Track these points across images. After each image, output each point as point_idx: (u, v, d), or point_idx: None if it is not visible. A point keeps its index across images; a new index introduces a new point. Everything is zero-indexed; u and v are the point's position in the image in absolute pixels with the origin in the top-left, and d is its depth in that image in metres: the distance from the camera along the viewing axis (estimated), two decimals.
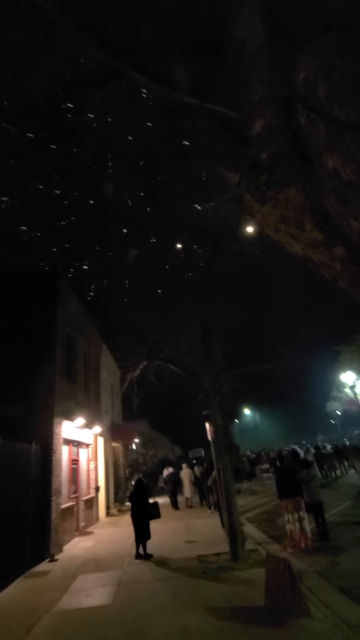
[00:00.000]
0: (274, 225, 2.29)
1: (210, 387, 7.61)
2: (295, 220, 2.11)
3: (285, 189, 2.11)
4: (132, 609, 4.81)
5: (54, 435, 9.13)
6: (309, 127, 2.06)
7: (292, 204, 2.11)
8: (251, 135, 2.49)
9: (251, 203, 2.40)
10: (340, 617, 3.98)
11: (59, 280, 11.02)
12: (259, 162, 2.32)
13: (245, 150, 2.84)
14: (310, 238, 2.07)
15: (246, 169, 2.46)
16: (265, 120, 2.34)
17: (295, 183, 2.11)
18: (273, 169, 2.18)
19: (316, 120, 1.98)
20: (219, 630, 3.98)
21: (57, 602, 5.30)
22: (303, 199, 2.07)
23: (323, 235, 2.00)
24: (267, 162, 2.21)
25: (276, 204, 2.18)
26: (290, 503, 7.08)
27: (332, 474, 17.48)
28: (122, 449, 18.96)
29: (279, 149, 2.17)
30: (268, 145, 2.26)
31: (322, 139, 1.95)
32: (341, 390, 25.69)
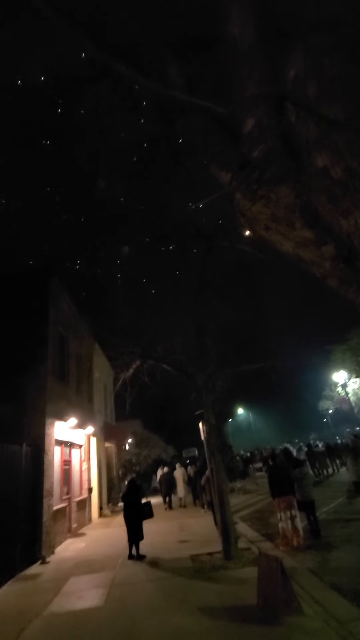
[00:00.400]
0: (264, 224, 2.29)
1: (204, 386, 7.61)
2: (286, 219, 2.11)
3: (276, 187, 2.11)
4: (125, 610, 4.78)
5: (46, 435, 9.03)
6: (299, 126, 2.07)
7: (282, 203, 2.11)
8: (243, 133, 2.49)
9: (242, 202, 2.40)
10: (331, 614, 4.01)
11: (51, 279, 10.92)
12: (250, 160, 2.32)
13: (237, 149, 2.84)
14: (301, 237, 2.07)
15: (237, 167, 2.46)
16: (257, 119, 2.34)
17: (285, 181, 2.11)
18: (264, 168, 2.19)
19: (306, 118, 1.99)
20: (211, 629, 3.98)
21: (48, 605, 5.24)
22: (293, 198, 2.07)
23: (313, 233, 2.01)
24: (258, 161, 2.21)
25: (267, 202, 2.18)
26: (282, 501, 7.12)
27: (324, 472, 17.65)
28: (115, 450, 18.87)
29: (270, 147, 2.17)
30: (259, 144, 2.26)
31: (311, 137, 1.96)
32: (333, 389, 25.96)
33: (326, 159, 1.84)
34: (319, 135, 1.88)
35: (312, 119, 1.90)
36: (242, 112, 2.53)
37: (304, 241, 2.10)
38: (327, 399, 28.65)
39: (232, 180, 2.52)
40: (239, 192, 2.42)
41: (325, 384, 27.15)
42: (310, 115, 1.91)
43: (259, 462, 23.95)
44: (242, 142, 2.51)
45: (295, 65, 2.07)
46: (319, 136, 1.87)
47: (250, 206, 2.34)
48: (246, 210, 2.41)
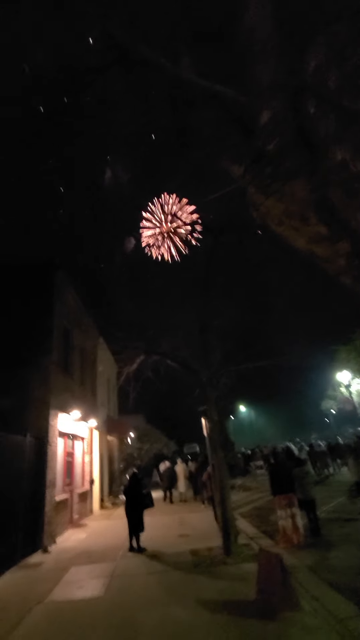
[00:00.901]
0: (277, 219, 2.26)
1: (207, 383, 7.61)
2: (300, 214, 2.08)
3: (290, 181, 2.07)
4: (124, 601, 4.83)
5: (50, 427, 9.11)
6: (318, 118, 2.03)
7: (297, 197, 2.08)
8: (257, 126, 2.45)
9: (255, 196, 2.37)
10: (329, 611, 4.02)
11: (57, 273, 10.93)
12: (265, 154, 2.29)
13: (250, 143, 2.80)
14: (315, 232, 2.04)
15: (251, 161, 2.42)
16: (272, 111, 2.30)
17: (300, 175, 2.07)
18: (279, 161, 2.15)
19: (326, 110, 1.94)
20: (210, 622, 4.01)
21: (49, 594, 5.31)
22: (308, 192, 2.04)
23: (328, 229, 1.98)
24: (272, 154, 2.17)
25: (281, 196, 2.15)
26: (283, 499, 7.13)
27: (324, 472, 17.63)
28: (117, 443, 19.00)
29: (285, 141, 2.14)
30: (274, 137, 2.23)
31: (331, 129, 1.92)
32: (336, 389, 25.87)
33: (345, 153, 1.80)
34: (339, 128, 1.84)
35: (333, 111, 1.86)
36: (256, 104, 2.48)
37: (318, 237, 2.07)
38: (330, 399, 28.57)
39: (244, 174, 2.48)
40: (252, 186, 2.39)
41: (329, 384, 27.06)
42: (331, 108, 1.87)
43: (260, 460, 23.97)
44: (256, 135, 2.47)
45: (316, 56, 2.02)
46: (339, 129, 1.84)
47: (263, 200, 2.31)
48: (259, 204, 2.38)
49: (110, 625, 4.15)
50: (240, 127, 2.98)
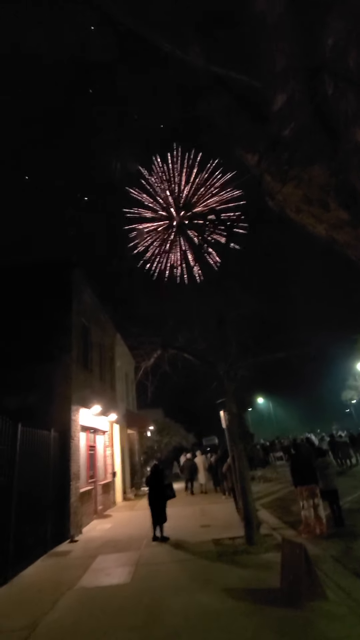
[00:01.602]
0: (295, 206, 2.20)
1: (225, 375, 7.60)
2: (319, 200, 2.02)
3: (308, 167, 2.01)
4: (150, 588, 4.96)
5: (72, 422, 9.36)
6: (337, 98, 1.95)
7: (315, 183, 2.02)
8: (272, 111, 2.38)
9: (272, 184, 2.31)
10: (356, 601, 4.00)
11: (74, 271, 11.12)
12: (280, 140, 2.23)
13: (264, 130, 2.73)
14: (335, 218, 1.98)
15: (265, 148, 2.36)
16: (287, 94, 2.22)
17: (319, 160, 2.00)
18: (295, 147, 2.09)
19: (345, 89, 1.86)
20: (236, 609, 4.07)
21: (78, 580, 5.52)
22: (328, 177, 1.97)
23: (349, 214, 1.92)
24: (289, 140, 2.11)
25: (298, 183, 2.09)
26: (305, 490, 7.10)
27: (346, 462, 17.38)
28: (137, 436, 19.33)
29: (301, 125, 2.07)
30: (290, 121, 2.16)
31: (351, 109, 1.84)
32: (357, 379, 25.28)
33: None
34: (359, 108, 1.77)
35: (353, 89, 1.78)
36: (270, 89, 2.42)
37: (339, 222, 2.00)
38: (351, 389, 27.97)
39: (259, 162, 2.43)
40: (268, 174, 2.33)
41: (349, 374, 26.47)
42: (351, 86, 1.79)
43: (279, 451, 23.86)
44: (271, 120, 2.40)
45: (334, 32, 1.93)
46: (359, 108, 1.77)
47: (280, 188, 2.25)
48: (276, 192, 2.32)
49: (138, 610, 4.29)
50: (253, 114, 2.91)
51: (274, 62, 2.39)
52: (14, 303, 10.24)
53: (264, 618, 3.82)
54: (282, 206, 2.34)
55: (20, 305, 10.19)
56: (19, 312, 10.08)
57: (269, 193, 2.40)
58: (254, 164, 2.71)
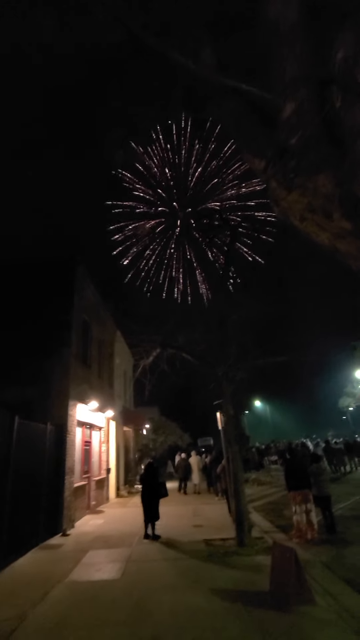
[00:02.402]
0: (300, 214, 2.22)
1: (223, 377, 7.63)
2: (323, 209, 2.04)
3: (314, 175, 2.03)
4: (140, 584, 5.00)
5: (69, 417, 9.41)
6: (345, 110, 1.97)
7: (320, 192, 2.03)
8: (280, 119, 2.40)
9: (277, 191, 2.32)
10: (344, 607, 4.03)
11: (77, 268, 11.17)
12: (288, 147, 2.24)
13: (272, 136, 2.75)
14: (338, 227, 2.00)
15: (273, 154, 2.38)
16: (297, 103, 2.24)
17: (325, 170, 2.02)
18: (302, 155, 2.11)
19: (353, 102, 1.88)
20: (223, 610, 4.11)
21: (69, 574, 5.56)
22: (333, 187, 1.99)
23: (352, 224, 1.93)
24: (296, 148, 2.13)
25: (304, 191, 2.10)
26: (298, 495, 7.13)
27: (341, 469, 17.41)
28: (133, 434, 19.38)
29: (309, 134, 2.09)
30: (298, 130, 2.18)
31: (357, 123, 1.86)
32: (355, 386, 25.28)
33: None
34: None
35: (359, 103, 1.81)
36: (279, 97, 2.44)
37: (342, 232, 2.02)
38: (349, 396, 27.96)
39: (266, 168, 2.45)
40: (274, 181, 2.36)
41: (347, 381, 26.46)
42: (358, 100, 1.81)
43: (274, 455, 23.90)
44: (279, 128, 2.42)
45: (344, 46, 1.95)
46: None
47: (285, 195, 2.27)
48: (281, 199, 2.34)
49: (126, 606, 4.32)
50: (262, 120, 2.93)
51: (285, 71, 2.41)
52: (17, 298, 10.30)
53: (251, 620, 3.85)
54: (286, 213, 2.36)
55: (23, 300, 10.24)
56: (21, 307, 10.14)
57: (275, 199, 2.42)
58: (261, 169, 2.73)
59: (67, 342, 10.04)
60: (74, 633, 3.79)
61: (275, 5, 2.52)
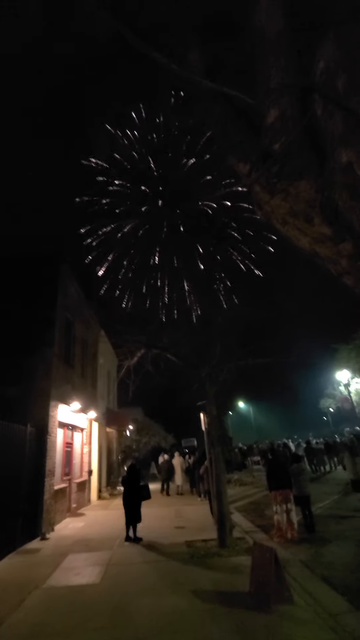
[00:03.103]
0: (282, 218, 2.26)
1: (207, 378, 7.66)
2: (304, 214, 2.08)
3: (296, 181, 2.07)
4: (120, 588, 4.94)
5: (50, 418, 9.21)
6: (325, 119, 2.01)
7: (302, 197, 2.07)
8: (264, 124, 2.44)
9: (260, 194, 2.36)
10: (322, 606, 4.10)
11: (61, 265, 10.98)
12: (271, 152, 2.28)
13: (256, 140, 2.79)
14: (319, 233, 2.04)
15: (257, 159, 2.42)
16: (280, 110, 2.28)
17: (306, 176, 2.06)
18: (285, 161, 2.14)
19: (333, 112, 1.93)
20: (204, 611, 4.11)
21: (47, 579, 5.44)
22: (314, 192, 2.03)
23: (331, 230, 1.98)
24: (279, 153, 2.17)
25: (286, 196, 2.14)
26: (279, 495, 7.23)
27: (321, 469, 17.79)
28: (116, 435, 19.19)
29: (292, 140, 2.13)
30: (281, 136, 2.21)
31: (337, 132, 1.91)
32: (335, 388, 25.94)
33: (351, 155, 1.79)
34: (345, 131, 1.83)
35: (340, 113, 1.85)
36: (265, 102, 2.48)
37: (322, 237, 2.07)
38: (329, 398, 28.66)
39: (250, 172, 2.48)
40: (258, 185, 2.39)
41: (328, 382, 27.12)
42: (338, 109, 1.86)
43: (257, 456, 24.19)
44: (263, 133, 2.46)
45: (326, 56, 2.00)
46: (346, 131, 1.83)
47: (268, 199, 2.31)
48: (264, 203, 2.37)
49: (106, 611, 4.26)
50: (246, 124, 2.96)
51: (269, 78, 2.45)
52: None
53: (231, 620, 3.87)
54: (269, 217, 2.40)
55: (4, 297, 9.96)
56: (1, 304, 9.86)
57: (258, 203, 2.46)
58: (245, 173, 2.77)
59: (50, 341, 9.84)
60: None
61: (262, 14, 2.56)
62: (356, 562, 5.64)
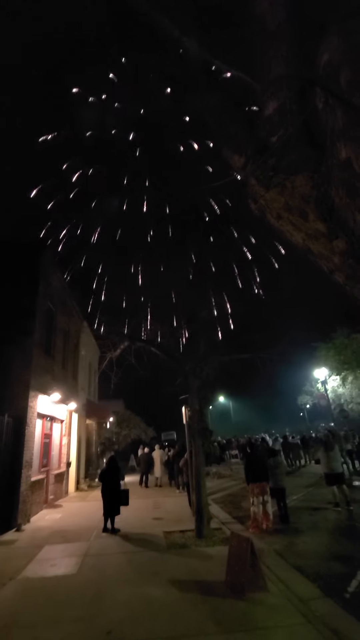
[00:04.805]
0: (277, 213, 2.26)
1: (190, 372, 7.68)
2: (299, 209, 2.08)
3: (292, 175, 2.07)
4: (97, 579, 4.93)
5: (29, 408, 9.01)
6: (326, 114, 2.01)
7: (298, 192, 2.08)
8: (262, 116, 2.41)
9: (256, 188, 2.34)
10: (294, 592, 4.25)
11: (44, 253, 10.65)
12: (268, 145, 2.26)
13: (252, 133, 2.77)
14: (313, 229, 2.05)
15: (253, 152, 2.39)
16: (279, 102, 2.26)
17: (303, 171, 2.06)
18: (282, 154, 2.13)
19: (334, 106, 1.93)
20: (180, 600, 4.16)
21: (22, 571, 5.35)
22: (310, 188, 2.04)
23: (326, 226, 2.00)
24: (276, 146, 2.16)
25: (282, 190, 2.14)
26: (256, 487, 7.40)
27: (297, 463, 18.35)
28: (96, 427, 19.03)
29: (290, 134, 2.12)
30: (279, 129, 2.20)
31: (338, 127, 1.91)
32: (313, 385, 26.71)
33: (350, 151, 1.80)
34: (346, 126, 1.84)
35: (342, 107, 1.85)
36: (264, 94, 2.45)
37: (316, 234, 2.08)
38: (307, 394, 29.50)
39: (246, 165, 2.46)
40: (254, 178, 2.37)
41: (306, 380, 27.89)
42: (340, 104, 1.86)
43: (235, 449, 24.66)
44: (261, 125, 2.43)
45: (329, 49, 1.99)
46: (347, 127, 1.83)
47: (264, 193, 2.29)
48: (259, 196, 2.36)
49: (82, 602, 4.24)
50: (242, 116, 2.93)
51: (269, 68, 2.42)
52: None
53: (206, 608, 3.94)
54: (263, 211, 2.39)
55: None
56: None
57: (253, 196, 2.44)
58: (240, 166, 2.74)
59: (30, 331, 9.57)
60: (25, 632, 3.65)
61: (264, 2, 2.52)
62: (327, 551, 5.88)
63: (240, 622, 3.66)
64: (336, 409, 23.86)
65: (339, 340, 19.56)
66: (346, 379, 20.82)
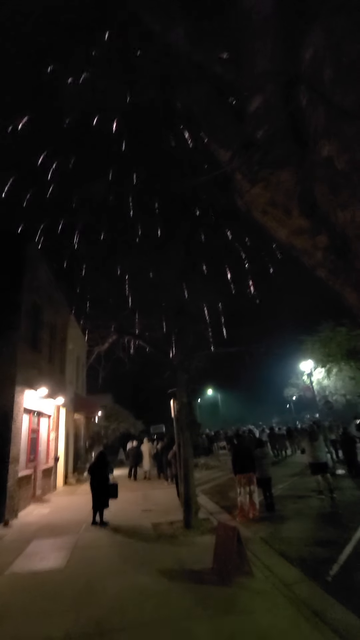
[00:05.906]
0: (262, 208, 2.28)
1: (179, 365, 7.73)
2: (283, 205, 2.11)
3: (277, 171, 2.08)
4: (86, 571, 4.97)
5: (15, 403, 8.89)
6: (310, 110, 2.03)
7: (282, 188, 2.10)
8: (248, 111, 2.42)
9: (242, 182, 2.35)
10: (278, 577, 4.40)
11: (30, 244, 10.42)
12: (254, 140, 2.27)
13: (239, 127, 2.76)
14: (296, 225, 2.09)
15: (239, 146, 2.40)
16: (264, 97, 2.27)
17: (288, 166, 2.08)
18: (267, 149, 2.15)
19: (317, 103, 1.95)
20: (169, 589, 4.25)
21: (9, 566, 5.34)
22: (294, 184, 2.06)
23: (309, 222, 2.03)
24: (261, 141, 2.17)
25: (267, 185, 2.15)
26: (243, 477, 7.56)
27: (283, 453, 18.80)
28: (84, 421, 18.97)
29: (275, 129, 2.13)
30: (264, 124, 2.21)
31: (320, 124, 1.93)
32: (299, 378, 27.23)
33: (332, 149, 1.83)
34: (328, 123, 1.86)
35: (324, 105, 1.87)
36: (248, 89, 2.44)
37: (299, 229, 2.11)
38: (293, 386, 30.07)
39: (232, 159, 2.46)
40: (239, 173, 2.38)
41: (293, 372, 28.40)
42: (323, 101, 1.87)
43: (223, 441, 25.04)
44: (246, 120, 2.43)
45: (313, 46, 1.99)
46: (328, 124, 1.85)
47: (249, 188, 2.31)
48: (245, 191, 2.37)
49: (72, 595, 4.28)
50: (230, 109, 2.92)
51: (255, 64, 2.41)
52: None
53: (194, 596, 4.04)
54: (249, 206, 2.41)
55: None
56: None
57: (239, 191, 2.46)
58: (227, 160, 2.74)
59: (16, 325, 9.40)
60: (13, 625, 3.67)
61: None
62: (310, 537, 6.08)
63: (227, 606, 3.78)
64: (321, 400, 24.43)
65: (324, 334, 19.93)
66: (331, 371, 21.30)
